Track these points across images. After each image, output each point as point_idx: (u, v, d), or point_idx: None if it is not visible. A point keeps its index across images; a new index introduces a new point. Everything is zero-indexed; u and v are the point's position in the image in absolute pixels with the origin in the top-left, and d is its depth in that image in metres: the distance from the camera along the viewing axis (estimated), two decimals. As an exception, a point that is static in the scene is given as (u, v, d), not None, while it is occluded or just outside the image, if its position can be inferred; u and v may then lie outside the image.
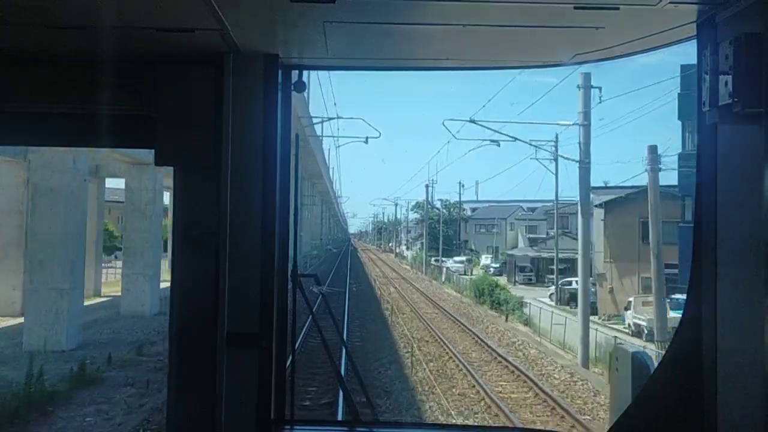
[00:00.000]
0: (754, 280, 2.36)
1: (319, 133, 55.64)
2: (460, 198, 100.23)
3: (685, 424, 2.65)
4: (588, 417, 17.08)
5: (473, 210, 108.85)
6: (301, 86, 3.32)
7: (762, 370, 2.30)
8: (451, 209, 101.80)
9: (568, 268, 52.03)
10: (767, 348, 2.26)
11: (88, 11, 2.69)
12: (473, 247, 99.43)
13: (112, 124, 3.15)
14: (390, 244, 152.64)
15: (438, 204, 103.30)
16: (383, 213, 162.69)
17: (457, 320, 33.25)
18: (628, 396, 3.03)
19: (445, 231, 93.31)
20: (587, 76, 26.62)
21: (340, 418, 14.45)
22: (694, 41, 2.66)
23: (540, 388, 19.36)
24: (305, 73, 3.41)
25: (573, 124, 28.37)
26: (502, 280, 59.01)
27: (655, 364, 2.98)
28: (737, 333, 2.48)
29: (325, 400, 16.43)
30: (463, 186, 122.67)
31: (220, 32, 2.82)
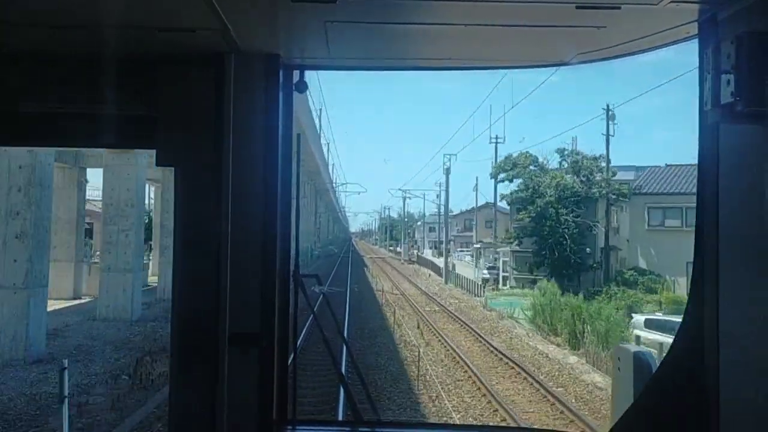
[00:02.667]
0: (756, 280, 2.36)
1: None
2: (607, 148, 42.72)
3: (687, 423, 2.65)
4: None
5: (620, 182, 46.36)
6: (302, 86, 3.32)
7: (765, 369, 2.30)
8: (586, 172, 47.41)
9: None
10: None
11: (89, 11, 2.69)
12: (644, 265, 43.35)
13: (112, 124, 3.15)
14: (412, 249, 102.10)
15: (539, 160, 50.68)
16: (404, 203, 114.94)
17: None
18: (629, 395, 3.02)
19: (570, 225, 45.17)
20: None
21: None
22: (696, 40, 2.66)
23: None
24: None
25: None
26: None
27: (658, 363, 2.97)
28: (739, 332, 2.48)
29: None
30: (614, 121, 45.35)
31: (221, 32, 2.82)
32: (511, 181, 54.77)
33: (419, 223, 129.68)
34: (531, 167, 52.34)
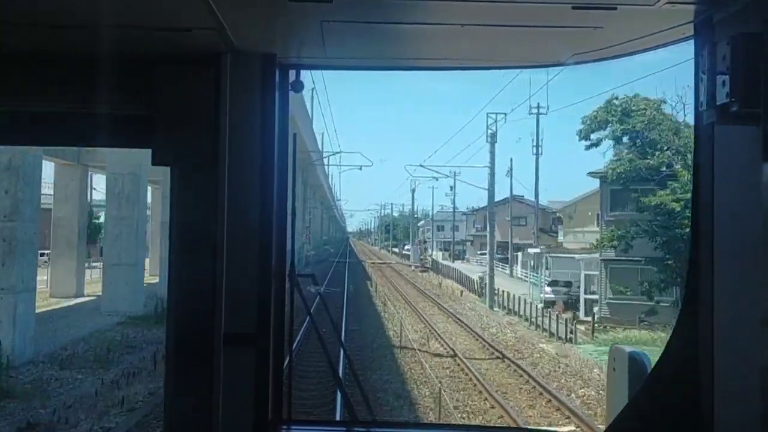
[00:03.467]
0: (751, 280, 2.36)
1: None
2: None
3: (681, 423, 2.66)
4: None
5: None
6: (298, 86, 3.32)
7: (759, 369, 2.31)
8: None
9: None
10: (764, 347, 2.26)
11: (85, 11, 2.69)
12: None
13: (109, 123, 3.15)
14: (424, 253, 79.25)
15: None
16: (413, 195, 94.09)
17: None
18: (624, 395, 3.02)
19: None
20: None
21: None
22: (692, 41, 2.67)
23: None
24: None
25: None
26: None
27: (653, 363, 2.98)
28: (734, 333, 2.49)
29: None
30: None
31: (217, 32, 2.82)
32: (618, 141, 34.12)
33: (423, 222, 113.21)
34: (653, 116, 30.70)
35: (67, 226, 34.15)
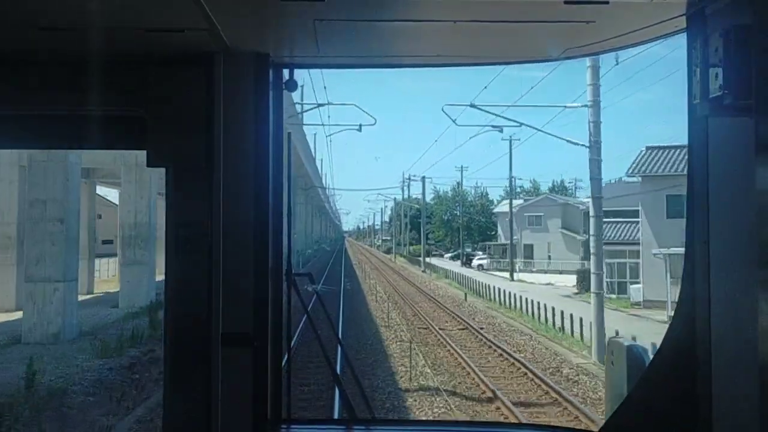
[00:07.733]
0: (747, 273, 2.37)
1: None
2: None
3: (680, 416, 2.67)
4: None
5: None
6: (292, 85, 3.32)
7: (755, 361, 2.32)
8: None
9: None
10: (760, 339, 2.27)
11: (77, 12, 2.68)
12: None
13: (102, 125, 3.15)
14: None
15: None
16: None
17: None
18: (623, 389, 3.04)
19: None
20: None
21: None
22: (684, 34, 2.68)
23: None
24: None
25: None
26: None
27: (651, 357, 2.99)
28: (730, 326, 2.50)
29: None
30: None
31: (210, 32, 2.82)
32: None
33: (520, 202, 61.35)
34: None
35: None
